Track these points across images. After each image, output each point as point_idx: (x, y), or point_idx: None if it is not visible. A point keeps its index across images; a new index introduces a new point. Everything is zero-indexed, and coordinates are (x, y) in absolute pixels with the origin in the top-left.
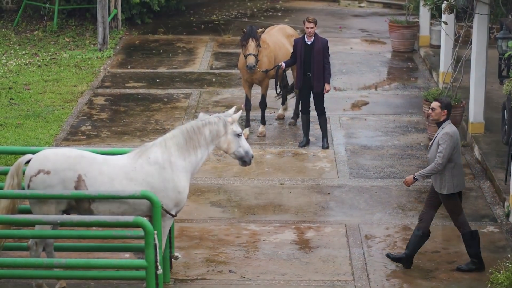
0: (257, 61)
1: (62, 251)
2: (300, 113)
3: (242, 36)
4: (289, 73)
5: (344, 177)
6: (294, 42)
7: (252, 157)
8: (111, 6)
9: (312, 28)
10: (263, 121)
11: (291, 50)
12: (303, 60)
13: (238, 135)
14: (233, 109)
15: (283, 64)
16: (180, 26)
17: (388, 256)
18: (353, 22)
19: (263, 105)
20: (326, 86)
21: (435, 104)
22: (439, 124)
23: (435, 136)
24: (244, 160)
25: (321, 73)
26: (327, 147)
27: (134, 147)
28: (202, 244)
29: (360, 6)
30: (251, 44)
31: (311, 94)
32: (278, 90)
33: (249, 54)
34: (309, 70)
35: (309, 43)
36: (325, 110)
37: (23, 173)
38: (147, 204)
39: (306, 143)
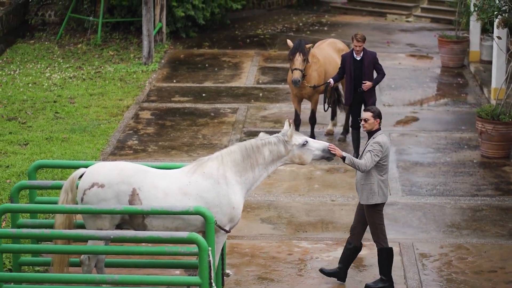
0: (304, 75)
1: (112, 267)
2: (350, 128)
3: (290, 50)
4: (341, 88)
5: (396, 194)
6: (342, 57)
7: (329, 149)
8: (155, 19)
9: (360, 46)
10: (312, 137)
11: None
12: (353, 76)
13: (304, 144)
14: (286, 124)
15: (332, 81)
16: (225, 40)
17: (322, 271)
18: (400, 37)
19: (312, 120)
20: (368, 83)
21: (367, 114)
22: (370, 134)
23: (365, 145)
24: (328, 156)
25: (373, 87)
26: None
27: (182, 162)
28: (253, 261)
29: (407, 21)
30: (298, 58)
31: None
32: (326, 107)
33: (295, 69)
34: (360, 85)
35: (358, 58)
36: None
37: (77, 187)
38: (201, 220)
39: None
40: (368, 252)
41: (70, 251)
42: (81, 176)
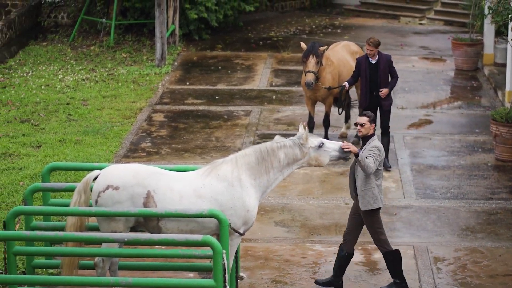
0: (317, 78)
1: (125, 269)
2: None
3: (303, 53)
4: (352, 91)
5: (410, 197)
6: (357, 60)
7: (343, 147)
8: (168, 21)
9: (372, 51)
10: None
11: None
12: (369, 79)
13: (320, 146)
14: (301, 127)
15: (347, 84)
16: (238, 43)
17: (317, 282)
18: (414, 39)
19: (326, 123)
20: (384, 90)
21: (364, 119)
22: (365, 139)
23: (361, 151)
24: (344, 157)
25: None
26: (389, 167)
27: (196, 164)
28: (267, 264)
29: (420, 24)
30: (311, 61)
31: (377, 113)
32: (340, 110)
33: (309, 71)
34: (376, 89)
35: (373, 62)
36: (389, 130)
37: (91, 190)
38: (215, 222)
39: None
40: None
41: (83, 253)
42: (95, 178)
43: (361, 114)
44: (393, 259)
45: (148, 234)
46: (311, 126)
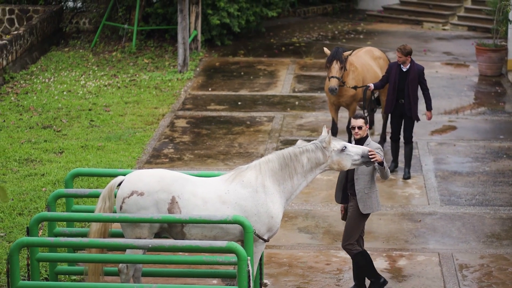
0: (341, 83)
1: (149, 276)
2: (390, 140)
3: (327, 58)
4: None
5: (435, 204)
6: (388, 65)
7: (369, 155)
8: (190, 27)
9: (400, 58)
10: None
11: (379, 73)
12: (397, 86)
13: (343, 150)
14: (324, 130)
15: (372, 85)
16: (260, 48)
17: None
18: (437, 45)
19: (350, 129)
20: (428, 114)
21: (360, 121)
22: (361, 141)
23: None
24: (368, 161)
25: (415, 100)
26: (408, 177)
27: (219, 170)
28: (291, 271)
29: (444, 29)
30: (335, 66)
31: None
32: (365, 114)
33: (332, 77)
34: (403, 96)
35: (404, 69)
36: (412, 139)
37: (115, 196)
38: (239, 228)
39: (394, 167)
40: (407, 262)
41: (107, 260)
42: (119, 184)
43: (355, 116)
44: (365, 260)
45: (172, 240)
46: (334, 132)
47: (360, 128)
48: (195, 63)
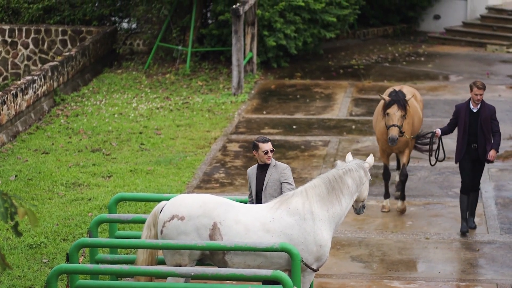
0: (401, 133)
1: None
2: (460, 193)
3: (386, 103)
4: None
5: (495, 232)
6: (456, 108)
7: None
8: (246, 49)
9: (481, 95)
10: (402, 196)
11: (421, 115)
12: (468, 130)
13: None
14: (349, 155)
15: (439, 130)
16: (317, 71)
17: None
18: (501, 68)
19: (403, 177)
20: (492, 152)
21: (270, 145)
22: (267, 165)
23: (269, 176)
24: (363, 206)
25: (488, 143)
26: (474, 228)
27: None
28: None
29: (508, 52)
30: (396, 113)
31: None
32: (433, 162)
33: (393, 125)
34: (475, 141)
35: (475, 110)
36: (480, 187)
37: None
38: (285, 258)
39: (465, 229)
40: None
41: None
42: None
43: (264, 141)
44: None
45: (215, 268)
46: (386, 178)
47: (272, 151)
48: (250, 86)
